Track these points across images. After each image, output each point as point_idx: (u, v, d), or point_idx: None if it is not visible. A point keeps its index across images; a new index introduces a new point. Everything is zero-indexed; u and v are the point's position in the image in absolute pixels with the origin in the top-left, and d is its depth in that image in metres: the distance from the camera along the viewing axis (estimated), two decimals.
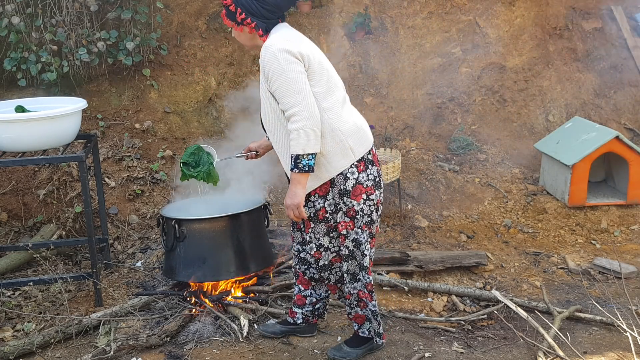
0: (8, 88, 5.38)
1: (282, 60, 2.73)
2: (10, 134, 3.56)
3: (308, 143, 2.74)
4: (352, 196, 2.92)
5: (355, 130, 2.92)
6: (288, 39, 2.82)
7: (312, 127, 2.73)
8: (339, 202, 2.94)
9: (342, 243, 3.01)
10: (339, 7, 6.56)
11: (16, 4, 5.10)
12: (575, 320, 3.76)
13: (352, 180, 2.91)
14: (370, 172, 2.96)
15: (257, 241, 3.85)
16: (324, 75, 2.86)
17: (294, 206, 2.86)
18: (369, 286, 3.09)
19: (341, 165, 2.88)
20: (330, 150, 2.85)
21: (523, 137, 6.14)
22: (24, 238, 4.65)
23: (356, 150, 2.90)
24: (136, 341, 3.33)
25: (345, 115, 2.92)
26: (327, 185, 2.93)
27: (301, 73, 2.75)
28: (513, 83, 6.38)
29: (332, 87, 2.90)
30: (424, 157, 5.74)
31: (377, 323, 3.17)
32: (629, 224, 5.12)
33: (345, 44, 6.38)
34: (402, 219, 5.09)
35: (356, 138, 2.91)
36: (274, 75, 2.75)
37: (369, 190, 2.95)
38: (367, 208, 2.96)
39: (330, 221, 2.99)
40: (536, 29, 6.60)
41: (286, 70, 2.73)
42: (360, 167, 2.92)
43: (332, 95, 2.89)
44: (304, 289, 3.33)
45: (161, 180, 5.13)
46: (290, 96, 2.74)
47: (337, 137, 2.85)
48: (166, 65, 5.83)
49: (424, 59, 6.46)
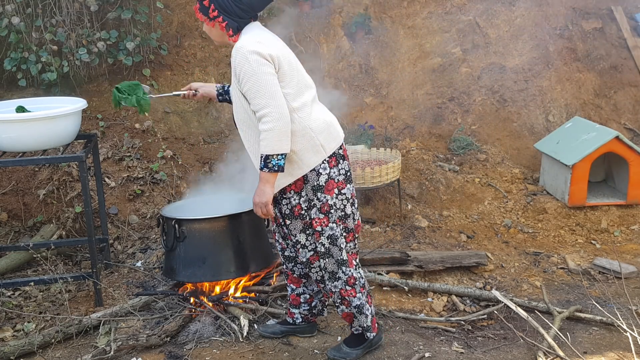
0: (8, 88, 5.38)
1: (252, 62, 2.78)
2: (10, 134, 3.56)
3: (277, 144, 2.79)
4: (325, 191, 2.97)
5: (326, 127, 2.99)
6: (259, 40, 2.86)
7: (282, 128, 2.78)
8: (312, 199, 2.98)
9: (317, 240, 3.04)
10: (339, 7, 6.57)
11: (16, 4, 5.10)
12: (575, 320, 3.76)
13: (324, 175, 2.97)
14: (341, 167, 3.03)
15: (257, 241, 3.85)
16: (294, 77, 2.92)
17: (262, 204, 2.91)
18: (351, 280, 3.10)
19: (313, 161, 2.94)
20: (301, 148, 2.91)
21: (523, 137, 6.14)
22: (24, 238, 4.65)
23: (327, 146, 2.97)
24: (136, 341, 3.33)
25: (315, 114, 2.98)
26: (301, 181, 2.98)
27: (271, 75, 2.80)
28: (513, 83, 6.38)
29: (302, 88, 2.95)
30: (424, 157, 5.74)
31: (364, 317, 3.17)
32: (629, 224, 5.12)
33: (345, 44, 6.38)
34: (402, 219, 5.09)
35: (326, 135, 2.98)
36: (245, 77, 2.80)
37: (341, 185, 3.02)
38: (340, 202, 3.03)
39: (306, 218, 3.02)
40: (536, 29, 6.60)
41: (257, 72, 2.78)
42: (331, 162, 2.99)
43: (302, 96, 2.94)
44: (296, 287, 3.37)
45: (161, 180, 5.13)
46: (260, 97, 2.79)
47: (308, 134, 2.91)
48: (166, 65, 5.83)
49: (424, 59, 6.46)
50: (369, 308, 3.19)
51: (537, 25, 6.62)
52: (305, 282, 3.35)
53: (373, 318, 3.24)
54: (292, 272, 3.33)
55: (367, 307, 3.18)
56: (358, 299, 3.13)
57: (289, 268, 3.33)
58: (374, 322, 3.24)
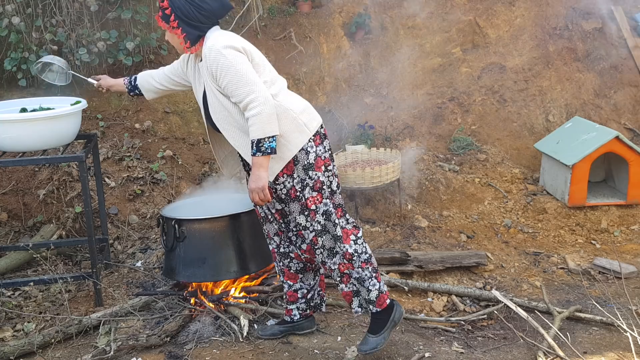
0: (8, 88, 5.38)
1: (228, 55, 2.86)
2: (11, 134, 3.56)
3: (267, 126, 2.85)
4: (315, 168, 3.04)
5: (305, 107, 3.09)
6: (227, 36, 2.97)
7: (269, 111, 2.85)
8: (304, 178, 3.03)
9: (313, 218, 3.07)
10: (339, 7, 6.57)
11: (16, 4, 5.10)
12: (575, 320, 3.76)
13: (312, 153, 3.03)
14: (325, 144, 3.12)
15: (257, 241, 3.85)
16: (266, 67, 3.04)
17: (258, 189, 2.93)
18: (347, 255, 3.10)
19: (300, 141, 3.00)
20: (286, 130, 2.97)
21: (523, 137, 6.14)
22: (24, 238, 4.64)
23: (310, 125, 3.05)
24: (136, 341, 3.33)
25: (291, 97, 3.09)
26: (292, 163, 3.02)
27: (247, 63, 2.90)
28: (513, 83, 6.38)
29: (274, 77, 3.07)
30: (424, 157, 5.74)
31: (365, 290, 3.14)
32: (629, 224, 5.12)
33: (345, 44, 6.38)
34: (402, 219, 5.09)
35: (307, 114, 3.07)
36: (223, 71, 2.87)
37: (327, 162, 3.10)
38: (327, 179, 3.09)
39: (302, 199, 3.05)
40: (536, 29, 6.60)
41: (234, 63, 2.86)
42: (316, 140, 3.06)
43: (276, 83, 3.06)
44: (293, 283, 3.37)
45: (161, 180, 5.13)
46: (243, 86, 2.86)
47: (290, 115, 2.99)
48: (166, 65, 5.83)
49: (424, 59, 6.46)
50: (375, 283, 3.13)
51: (537, 25, 6.62)
52: (302, 277, 3.36)
53: (382, 294, 3.15)
54: (288, 268, 3.34)
55: (370, 281, 3.12)
56: (357, 272, 3.11)
57: (285, 265, 3.34)
58: (382, 298, 3.15)
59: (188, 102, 5.78)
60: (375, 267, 3.17)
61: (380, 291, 3.16)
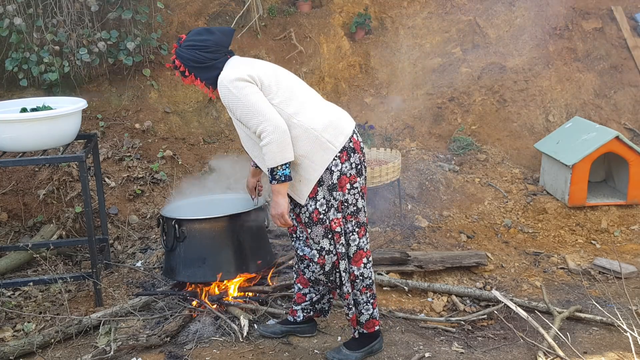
0: (9, 88, 5.39)
1: (233, 89, 2.86)
2: (11, 134, 3.56)
3: (279, 154, 2.84)
4: (339, 188, 2.98)
5: (329, 123, 2.97)
6: (236, 67, 2.94)
7: (279, 139, 2.82)
8: (329, 199, 2.98)
9: (337, 241, 3.02)
10: (339, 7, 6.57)
11: (17, 5, 5.10)
12: (575, 320, 3.76)
13: (336, 172, 2.97)
14: (352, 161, 3.01)
15: (257, 241, 3.85)
16: (281, 86, 2.96)
17: (278, 215, 2.95)
18: (350, 277, 3.09)
19: (326, 159, 2.94)
20: (309, 150, 2.92)
21: (523, 137, 6.14)
22: (24, 238, 4.65)
23: (335, 141, 2.96)
24: (136, 341, 3.33)
25: (314, 114, 2.98)
26: (315, 185, 2.97)
27: (255, 93, 2.87)
28: (513, 83, 6.38)
29: (293, 92, 2.99)
30: (424, 157, 5.74)
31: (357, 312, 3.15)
32: (629, 224, 5.12)
33: (345, 44, 6.38)
34: (402, 219, 5.09)
35: (331, 130, 2.97)
36: (233, 105, 2.89)
37: (353, 179, 3.02)
38: (352, 197, 3.03)
39: (326, 222, 3.00)
40: (536, 29, 6.60)
41: (240, 97, 2.86)
42: (342, 157, 2.98)
43: (296, 99, 2.97)
44: (303, 288, 3.36)
45: (161, 180, 5.14)
46: (252, 118, 2.85)
47: (312, 135, 2.92)
48: (166, 65, 5.84)
49: (424, 59, 6.46)
50: (369, 308, 3.16)
51: (537, 25, 6.62)
52: (312, 286, 3.33)
53: (372, 320, 3.19)
54: (303, 273, 3.30)
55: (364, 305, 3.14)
56: (354, 294, 3.12)
57: (301, 268, 3.30)
58: (371, 322, 3.19)
59: (188, 102, 5.79)
60: (373, 294, 3.17)
61: (372, 317, 3.18)
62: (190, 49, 2.95)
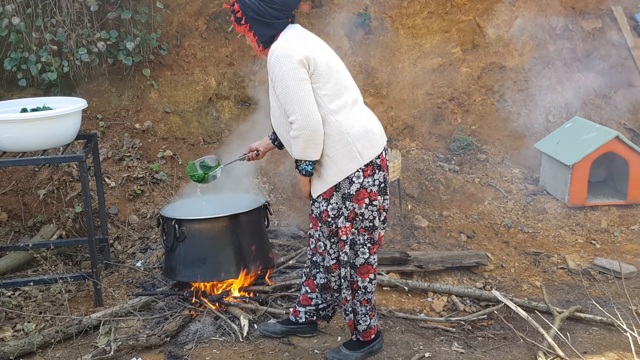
0: (8, 88, 5.38)
1: (284, 65, 2.75)
2: (11, 134, 3.56)
3: (303, 151, 2.80)
4: (354, 200, 2.91)
5: (364, 133, 2.90)
6: (294, 41, 2.81)
7: (307, 137, 2.76)
8: (341, 207, 2.93)
9: (341, 249, 2.99)
10: (339, 7, 6.56)
11: (16, 4, 5.10)
12: (575, 320, 3.76)
13: (356, 184, 2.89)
14: (376, 178, 2.93)
15: (257, 241, 3.85)
16: (332, 77, 2.85)
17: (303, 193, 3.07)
18: (354, 285, 3.06)
19: (349, 168, 2.87)
20: (337, 153, 2.85)
21: (523, 137, 6.14)
22: (24, 238, 4.64)
23: (364, 154, 2.88)
24: (136, 341, 3.33)
25: (354, 118, 2.90)
26: (332, 189, 2.92)
27: (302, 80, 2.76)
28: (513, 83, 6.38)
29: (341, 89, 2.88)
30: (424, 157, 5.74)
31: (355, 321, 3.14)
32: (629, 224, 5.12)
33: (345, 44, 6.37)
34: (402, 219, 5.09)
35: (365, 141, 2.89)
36: (277, 80, 2.79)
37: (373, 196, 2.93)
38: (369, 213, 2.95)
39: (332, 225, 2.97)
40: (536, 29, 6.60)
41: (286, 77, 2.75)
42: (367, 171, 2.90)
43: (341, 97, 2.87)
44: (311, 292, 3.32)
45: (161, 180, 5.13)
46: (289, 103, 2.77)
47: (345, 139, 2.84)
48: (166, 65, 5.83)
49: (424, 59, 6.46)
50: (366, 320, 3.13)
51: (537, 25, 6.62)
52: (322, 291, 3.30)
53: (369, 329, 3.16)
54: (314, 278, 3.28)
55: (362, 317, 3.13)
56: (353, 303, 3.11)
57: (313, 274, 3.28)
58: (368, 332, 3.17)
59: (188, 102, 5.79)
60: (373, 306, 3.14)
61: (369, 326, 3.16)
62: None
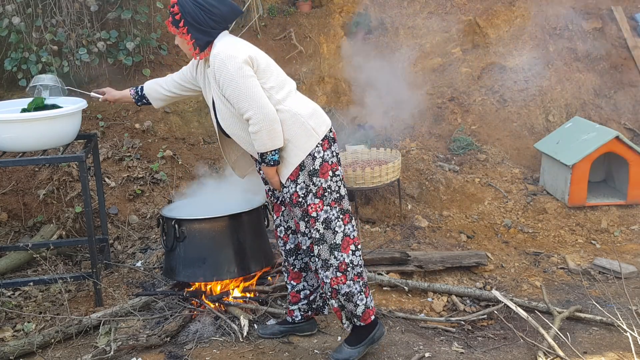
0: (8, 88, 5.39)
1: (230, 67, 2.87)
2: (11, 134, 3.56)
3: (268, 142, 2.93)
4: (320, 175, 3.04)
5: (313, 112, 3.08)
6: (234, 44, 2.96)
7: (268, 127, 2.90)
8: (309, 184, 3.03)
9: (312, 226, 3.06)
10: (339, 7, 6.57)
11: (16, 4, 5.10)
12: (575, 320, 3.76)
13: (319, 159, 3.04)
14: (333, 150, 3.11)
15: (257, 241, 3.85)
16: (272, 72, 3.03)
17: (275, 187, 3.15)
18: (342, 266, 3.07)
19: (308, 145, 3.01)
20: (294, 135, 2.99)
21: (523, 137, 6.14)
22: (24, 238, 4.65)
23: (318, 129, 3.05)
24: (136, 341, 3.33)
25: (300, 101, 3.09)
26: (297, 169, 3.03)
27: (250, 77, 2.90)
28: (513, 83, 6.38)
29: (282, 81, 3.07)
30: (424, 157, 5.74)
31: (352, 305, 3.12)
32: (629, 224, 5.12)
33: (345, 44, 6.38)
34: (402, 219, 5.09)
35: (316, 118, 3.06)
36: (225, 82, 2.90)
37: (334, 167, 3.09)
38: (335, 184, 3.09)
39: (304, 205, 3.05)
40: (536, 29, 6.60)
41: (235, 77, 2.87)
42: (324, 145, 3.06)
43: (284, 87, 3.05)
44: (296, 284, 3.37)
45: (161, 180, 5.13)
46: (242, 101, 2.90)
47: (298, 120, 3.00)
48: (166, 66, 5.83)
49: (424, 59, 6.46)
50: (362, 298, 3.12)
51: (537, 25, 6.62)
52: (306, 276, 3.35)
53: (368, 310, 3.15)
54: (292, 267, 3.34)
55: (358, 296, 3.11)
56: (348, 286, 3.08)
57: (290, 263, 3.34)
58: (367, 313, 3.15)
59: (188, 102, 5.79)
60: (365, 282, 3.16)
61: (367, 306, 3.16)
62: (196, 5, 2.92)
